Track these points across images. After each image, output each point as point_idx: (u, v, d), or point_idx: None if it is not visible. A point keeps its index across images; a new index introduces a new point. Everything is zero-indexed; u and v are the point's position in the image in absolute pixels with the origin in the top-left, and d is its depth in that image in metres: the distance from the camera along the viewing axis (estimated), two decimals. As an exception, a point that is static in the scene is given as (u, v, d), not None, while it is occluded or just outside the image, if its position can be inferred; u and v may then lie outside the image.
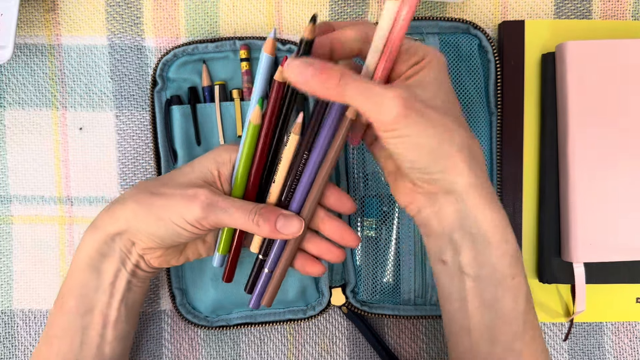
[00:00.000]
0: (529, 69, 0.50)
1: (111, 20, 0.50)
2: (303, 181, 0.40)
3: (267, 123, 0.40)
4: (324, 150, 0.39)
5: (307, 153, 0.39)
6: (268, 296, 0.42)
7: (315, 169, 0.39)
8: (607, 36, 0.50)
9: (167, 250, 0.41)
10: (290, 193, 0.40)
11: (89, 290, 0.40)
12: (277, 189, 0.40)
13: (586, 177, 0.46)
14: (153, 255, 0.41)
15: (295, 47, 0.48)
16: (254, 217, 0.39)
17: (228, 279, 0.44)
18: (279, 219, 0.39)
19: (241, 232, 0.43)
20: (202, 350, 0.51)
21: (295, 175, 0.40)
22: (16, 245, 0.51)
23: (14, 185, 0.51)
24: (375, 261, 0.48)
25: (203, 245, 0.44)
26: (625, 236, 0.46)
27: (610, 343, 0.52)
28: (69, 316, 0.40)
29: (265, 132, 0.40)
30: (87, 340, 0.41)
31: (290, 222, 0.39)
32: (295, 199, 0.40)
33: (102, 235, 0.40)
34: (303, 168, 0.39)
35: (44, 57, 0.50)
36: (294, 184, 0.40)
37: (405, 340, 0.52)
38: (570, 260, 0.47)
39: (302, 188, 0.40)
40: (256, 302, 0.43)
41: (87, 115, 0.51)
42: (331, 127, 0.38)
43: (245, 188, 0.41)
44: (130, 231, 0.39)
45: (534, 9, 0.51)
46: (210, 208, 0.38)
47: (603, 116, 0.46)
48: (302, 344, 0.51)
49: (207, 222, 0.38)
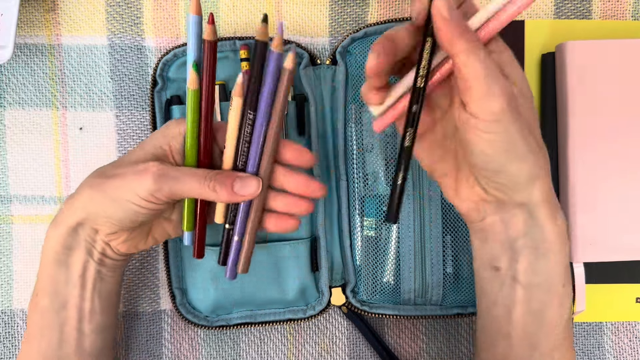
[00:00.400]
0: (529, 69, 0.50)
1: (111, 20, 0.50)
2: (254, 141, 0.39)
3: (205, 86, 0.39)
4: (269, 107, 0.38)
5: (253, 112, 0.38)
6: (242, 263, 0.41)
7: (264, 127, 0.39)
8: (607, 36, 0.50)
9: (132, 233, 0.41)
10: (244, 156, 0.39)
11: (60, 286, 0.40)
12: (230, 153, 0.40)
13: (586, 176, 0.46)
14: (118, 240, 0.40)
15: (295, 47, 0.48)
16: (209, 182, 0.38)
17: (198, 255, 0.43)
18: (235, 182, 0.38)
19: (202, 204, 0.42)
20: (202, 350, 0.51)
21: (245, 137, 0.39)
22: (16, 245, 0.51)
23: (14, 185, 0.51)
24: (375, 261, 0.48)
25: (169, 225, 0.43)
26: (625, 236, 0.47)
27: (610, 343, 0.52)
28: (44, 314, 0.40)
29: (206, 95, 0.39)
30: (65, 337, 0.40)
31: (247, 182, 0.38)
32: (249, 160, 0.39)
33: (64, 228, 0.40)
34: (252, 129, 0.39)
35: (44, 57, 0.51)
36: (245, 146, 0.39)
37: (405, 340, 0.52)
38: (570, 260, 0.47)
39: (254, 148, 0.39)
40: (232, 272, 0.42)
41: (87, 115, 0.51)
42: (272, 82, 0.37)
43: (198, 157, 0.40)
44: (90, 218, 0.39)
45: (534, 9, 0.51)
46: (162, 179, 0.37)
47: (603, 116, 0.46)
48: (302, 344, 0.51)
49: (161, 194, 0.37)
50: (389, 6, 0.51)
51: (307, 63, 0.48)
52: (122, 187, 0.38)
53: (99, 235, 0.40)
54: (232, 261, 0.42)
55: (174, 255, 0.49)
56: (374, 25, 0.48)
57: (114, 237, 0.40)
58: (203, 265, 0.48)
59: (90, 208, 0.39)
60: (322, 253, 0.49)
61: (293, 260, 0.48)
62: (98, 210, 0.39)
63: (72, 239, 0.40)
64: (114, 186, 0.38)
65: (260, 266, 0.48)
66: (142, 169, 0.37)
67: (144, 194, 0.37)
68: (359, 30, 0.48)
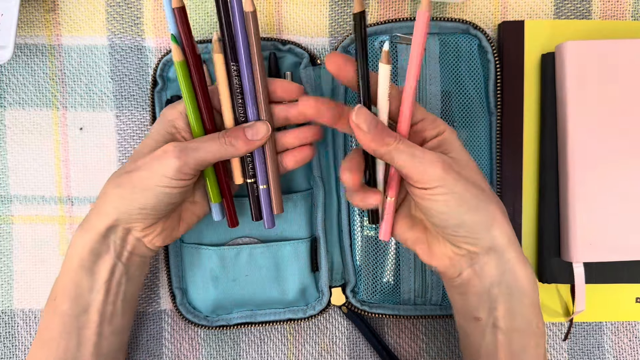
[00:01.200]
0: (529, 69, 0.50)
1: (111, 21, 0.50)
2: (246, 89, 0.41)
3: (189, 55, 0.40)
4: (247, 52, 0.40)
5: (235, 63, 0.41)
6: (275, 205, 0.44)
7: (250, 73, 0.41)
8: (606, 36, 0.50)
9: (166, 222, 0.42)
10: (241, 107, 0.41)
11: (84, 291, 0.40)
12: (228, 111, 0.42)
13: (586, 177, 0.46)
14: (154, 233, 0.41)
15: (295, 47, 0.48)
16: (225, 139, 0.40)
17: (233, 224, 0.45)
18: (246, 131, 0.41)
19: (223, 170, 0.43)
20: (202, 350, 0.51)
21: (236, 89, 0.41)
22: (16, 245, 0.51)
23: (14, 185, 0.51)
24: (375, 261, 0.48)
25: (195, 206, 0.44)
26: (624, 236, 0.47)
27: (609, 343, 0.52)
28: (64, 318, 0.40)
29: (192, 62, 0.40)
30: (84, 340, 0.41)
31: (257, 127, 0.41)
32: (248, 109, 0.42)
33: (93, 234, 0.40)
34: (239, 79, 0.41)
35: (44, 57, 0.51)
36: (239, 97, 0.41)
37: (405, 340, 0.52)
38: (569, 260, 0.47)
39: (248, 95, 0.41)
40: (270, 219, 0.44)
41: (87, 115, 0.51)
42: (242, 29, 0.40)
43: (204, 126, 0.42)
44: (122, 218, 0.40)
45: (533, 9, 0.51)
46: (184, 153, 0.39)
47: (603, 116, 0.46)
48: (302, 344, 0.51)
49: (187, 167, 0.39)
50: (389, 6, 0.51)
51: (307, 63, 0.48)
52: (149, 175, 0.39)
53: (132, 233, 0.41)
54: (267, 209, 0.44)
55: (174, 255, 0.49)
56: (374, 25, 0.48)
57: (149, 230, 0.41)
58: (203, 265, 0.48)
59: (122, 207, 0.39)
60: (322, 253, 0.49)
61: (293, 260, 0.48)
62: (130, 206, 0.39)
63: (101, 245, 0.40)
64: (141, 177, 0.39)
65: (260, 266, 0.48)
66: (161, 152, 0.39)
67: (172, 173, 0.38)
68: (359, 31, 0.48)
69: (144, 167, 0.39)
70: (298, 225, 0.48)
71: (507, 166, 0.50)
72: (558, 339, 0.52)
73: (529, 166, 0.50)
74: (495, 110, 0.49)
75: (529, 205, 0.50)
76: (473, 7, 0.51)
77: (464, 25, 0.48)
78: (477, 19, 0.51)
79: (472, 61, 0.48)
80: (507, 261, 0.37)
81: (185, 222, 0.44)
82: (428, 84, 0.47)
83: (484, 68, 0.49)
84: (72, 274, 0.40)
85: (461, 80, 0.48)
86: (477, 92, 0.48)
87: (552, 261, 0.49)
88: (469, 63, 0.48)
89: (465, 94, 0.48)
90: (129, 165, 0.40)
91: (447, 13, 0.51)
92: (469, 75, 0.48)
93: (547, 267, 0.49)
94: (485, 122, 0.49)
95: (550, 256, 0.49)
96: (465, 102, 0.48)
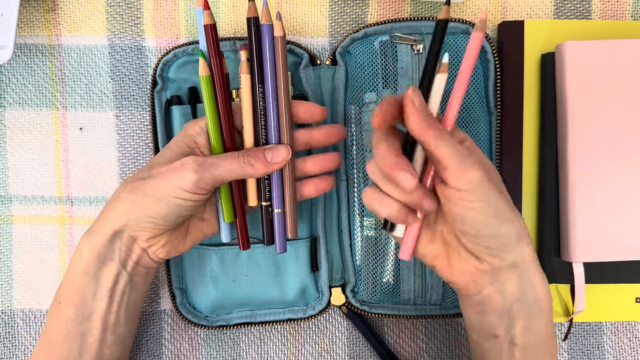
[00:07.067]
0: (529, 69, 0.50)
1: (111, 21, 0.50)
2: (270, 112, 0.41)
3: (215, 71, 0.41)
4: (274, 75, 0.41)
5: (261, 85, 0.41)
6: (290, 229, 0.43)
7: (275, 96, 0.41)
8: (606, 36, 0.50)
9: (172, 234, 0.42)
10: (264, 130, 0.42)
11: (87, 298, 0.40)
12: (249, 132, 0.42)
13: (585, 177, 0.46)
14: (158, 244, 0.41)
15: (295, 47, 0.48)
16: (244, 159, 0.40)
17: (245, 246, 0.44)
18: (266, 153, 0.41)
19: (238, 190, 0.43)
20: (202, 350, 0.51)
21: (261, 112, 0.41)
22: (16, 245, 0.51)
23: (14, 185, 0.51)
24: (375, 261, 0.48)
25: (204, 223, 0.44)
26: (624, 236, 0.47)
27: (609, 343, 0.52)
28: (68, 323, 0.40)
29: (218, 79, 0.41)
30: (86, 346, 0.41)
31: (278, 149, 0.41)
32: (270, 132, 0.42)
33: (100, 239, 0.40)
34: (264, 102, 0.41)
35: (44, 57, 0.51)
36: (263, 119, 0.41)
37: (405, 340, 0.52)
38: (569, 260, 0.47)
39: (272, 118, 0.41)
40: (282, 245, 0.44)
41: (87, 115, 0.51)
42: (271, 52, 0.41)
43: (223, 144, 0.42)
44: (130, 225, 0.39)
45: (533, 9, 0.51)
46: (202, 167, 0.39)
47: (602, 116, 0.46)
48: (302, 344, 0.51)
49: (203, 182, 0.39)
50: (389, 6, 0.51)
51: (307, 63, 0.48)
52: (164, 184, 0.39)
53: (137, 242, 0.41)
54: (280, 234, 0.43)
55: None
56: (374, 25, 0.48)
57: (154, 241, 0.41)
58: (203, 265, 0.48)
59: (131, 214, 0.39)
60: (322, 253, 0.49)
61: (293, 260, 0.48)
62: (140, 213, 0.39)
63: (107, 250, 0.40)
64: (155, 185, 0.39)
65: (260, 266, 0.48)
66: (179, 164, 0.39)
67: (188, 186, 0.38)
68: (358, 31, 0.48)
69: (160, 176, 0.39)
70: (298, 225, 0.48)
71: (507, 166, 0.50)
72: (558, 339, 0.52)
73: (529, 166, 0.50)
74: (495, 110, 0.49)
75: (528, 205, 0.50)
76: (473, 7, 0.51)
77: (464, 25, 0.48)
78: (477, 19, 0.51)
79: (472, 61, 0.48)
80: (530, 278, 0.36)
81: (192, 238, 0.44)
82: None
83: (483, 68, 0.49)
84: (77, 279, 0.40)
85: (461, 80, 0.48)
86: (477, 92, 0.48)
87: (552, 261, 0.49)
88: (469, 63, 0.48)
89: (465, 94, 0.48)
90: (144, 172, 0.40)
91: (447, 13, 0.51)
92: (469, 75, 0.48)
93: (547, 267, 0.49)
94: (485, 122, 0.49)
95: (550, 256, 0.49)
96: (465, 102, 0.48)
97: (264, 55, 0.40)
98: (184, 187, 0.38)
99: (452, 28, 0.48)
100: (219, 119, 0.41)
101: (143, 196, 0.39)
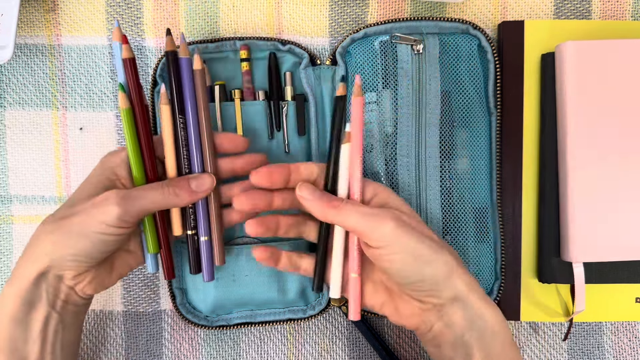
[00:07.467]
0: (529, 69, 0.50)
1: (111, 21, 0.50)
2: (191, 142, 0.42)
3: (136, 103, 0.41)
4: (194, 107, 0.42)
5: (182, 116, 0.42)
6: (218, 257, 0.44)
7: (196, 125, 0.42)
8: (606, 36, 0.50)
9: (97, 270, 0.40)
10: (186, 160, 0.42)
11: (18, 344, 0.38)
12: (172, 161, 0.42)
13: (585, 177, 0.46)
14: (85, 281, 0.40)
15: (295, 48, 0.48)
16: (168, 189, 0.40)
17: (170, 275, 0.44)
18: (190, 182, 0.41)
19: (161, 220, 0.42)
20: (202, 350, 0.51)
21: (182, 142, 0.42)
22: (16, 245, 0.51)
23: (14, 185, 0.51)
24: (375, 261, 0.48)
25: (130, 256, 0.43)
26: (624, 236, 0.47)
27: (609, 343, 0.52)
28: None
29: (140, 111, 0.41)
30: None
31: (202, 178, 0.42)
32: (192, 162, 0.42)
33: (24, 283, 0.38)
34: (186, 132, 0.42)
35: (44, 57, 0.51)
36: (185, 149, 0.42)
37: (405, 340, 0.52)
38: (569, 260, 0.47)
39: (193, 147, 0.42)
40: (209, 273, 0.44)
41: (87, 115, 0.51)
42: (190, 84, 0.42)
43: (146, 175, 0.41)
44: (54, 265, 0.38)
45: (533, 9, 0.51)
46: (125, 201, 0.38)
47: (602, 116, 0.46)
48: (302, 344, 0.51)
49: (128, 215, 0.38)
50: (389, 6, 0.51)
51: (307, 63, 0.48)
52: (87, 221, 0.38)
53: (63, 282, 0.39)
54: (207, 262, 0.44)
55: (174, 255, 0.49)
56: (374, 25, 0.48)
57: (80, 278, 0.40)
58: (203, 265, 0.48)
59: (54, 253, 0.38)
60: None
61: (293, 260, 0.48)
62: (63, 252, 0.38)
63: (32, 294, 0.38)
64: (77, 222, 0.38)
65: (260, 266, 0.48)
66: (101, 199, 0.38)
67: (112, 221, 0.38)
68: (358, 31, 0.48)
69: (83, 212, 0.38)
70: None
71: (507, 166, 0.50)
72: (558, 339, 0.52)
73: (529, 166, 0.50)
74: (495, 110, 0.49)
75: (528, 205, 0.50)
76: (473, 7, 0.51)
77: (463, 25, 0.48)
78: (477, 19, 0.51)
79: (472, 61, 0.48)
80: (471, 307, 0.38)
81: (117, 272, 0.42)
82: (428, 84, 0.47)
83: (483, 68, 0.49)
84: (4, 327, 0.38)
85: (461, 80, 0.48)
86: (477, 92, 0.48)
87: (552, 261, 0.49)
88: (469, 63, 0.48)
89: (465, 94, 0.48)
90: (65, 210, 0.39)
91: (447, 13, 0.51)
92: (469, 75, 0.48)
93: (547, 267, 0.49)
94: (485, 122, 0.49)
95: (550, 256, 0.49)
96: (465, 102, 0.48)
97: (184, 88, 0.42)
98: (107, 222, 0.37)
99: (452, 28, 0.48)
100: (141, 150, 0.41)
101: (65, 235, 0.38)
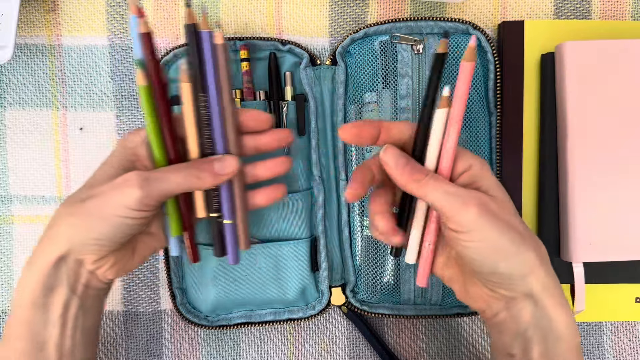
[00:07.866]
0: (529, 69, 0.50)
1: (111, 21, 0.50)
2: (214, 120, 0.39)
3: (155, 80, 0.38)
4: (216, 82, 0.39)
5: (204, 94, 0.39)
6: (243, 241, 0.42)
7: (218, 103, 0.39)
8: (606, 36, 0.50)
9: (119, 253, 0.39)
10: (209, 140, 0.40)
11: (38, 328, 0.37)
12: (194, 142, 0.39)
13: (585, 176, 0.46)
14: (106, 265, 0.39)
15: (295, 48, 0.48)
16: (191, 171, 0.38)
17: (195, 259, 0.43)
18: (214, 164, 0.39)
19: (185, 202, 0.41)
20: (202, 350, 0.51)
21: (204, 121, 0.39)
22: (16, 245, 0.51)
23: (14, 185, 0.51)
24: (375, 261, 0.48)
25: (151, 238, 0.41)
26: (624, 236, 0.47)
27: (609, 343, 0.52)
28: (21, 358, 0.37)
29: (158, 89, 0.38)
30: None
31: (226, 160, 0.39)
32: (216, 141, 0.40)
33: (44, 266, 0.37)
34: (208, 110, 0.39)
35: (44, 57, 0.51)
36: (207, 129, 0.39)
37: (404, 340, 0.52)
38: (569, 260, 0.47)
39: (217, 127, 0.39)
40: (234, 256, 0.42)
41: (87, 115, 0.51)
42: (212, 60, 0.39)
43: (167, 155, 0.39)
44: (74, 249, 0.37)
45: (533, 9, 0.51)
46: (147, 182, 0.36)
47: (602, 116, 0.46)
48: (302, 344, 0.51)
49: (149, 198, 0.36)
50: (389, 6, 0.51)
51: (307, 63, 0.48)
52: (107, 204, 0.36)
53: (83, 267, 0.38)
54: (232, 245, 0.42)
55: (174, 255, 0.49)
56: (374, 25, 0.48)
57: (101, 263, 0.38)
58: (203, 265, 0.48)
59: (74, 237, 0.37)
60: (322, 253, 0.49)
61: (293, 260, 0.48)
62: (84, 236, 0.37)
63: (53, 277, 0.37)
64: (98, 205, 0.37)
65: (260, 266, 0.48)
66: (122, 181, 0.37)
67: (133, 204, 0.36)
68: (358, 31, 0.48)
69: (102, 195, 0.37)
70: (298, 225, 0.48)
71: (507, 166, 0.50)
72: (558, 339, 0.52)
73: (529, 166, 0.50)
74: (495, 110, 0.49)
75: (528, 205, 0.50)
76: (473, 7, 0.51)
77: (463, 25, 0.48)
78: (477, 19, 0.51)
79: (472, 61, 0.48)
80: (542, 308, 0.36)
81: (140, 255, 0.41)
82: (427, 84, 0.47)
83: (483, 68, 0.49)
84: (24, 311, 0.37)
85: (461, 80, 0.48)
86: (477, 92, 0.48)
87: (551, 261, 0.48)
88: (469, 63, 0.48)
89: (465, 94, 0.48)
90: (84, 192, 0.38)
91: (447, 13, 0.51)
92: (469, 75, 0.48)
93: (547, 267, 0.49)
94: (485, 122, 0.49)
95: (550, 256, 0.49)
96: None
97: (205, 64, 0.39)
98: (129, 205, 0.36)
99: (452, 28, 0.48)
100: (161, 130, 0.39)
101: (85, 218, 0.36)
